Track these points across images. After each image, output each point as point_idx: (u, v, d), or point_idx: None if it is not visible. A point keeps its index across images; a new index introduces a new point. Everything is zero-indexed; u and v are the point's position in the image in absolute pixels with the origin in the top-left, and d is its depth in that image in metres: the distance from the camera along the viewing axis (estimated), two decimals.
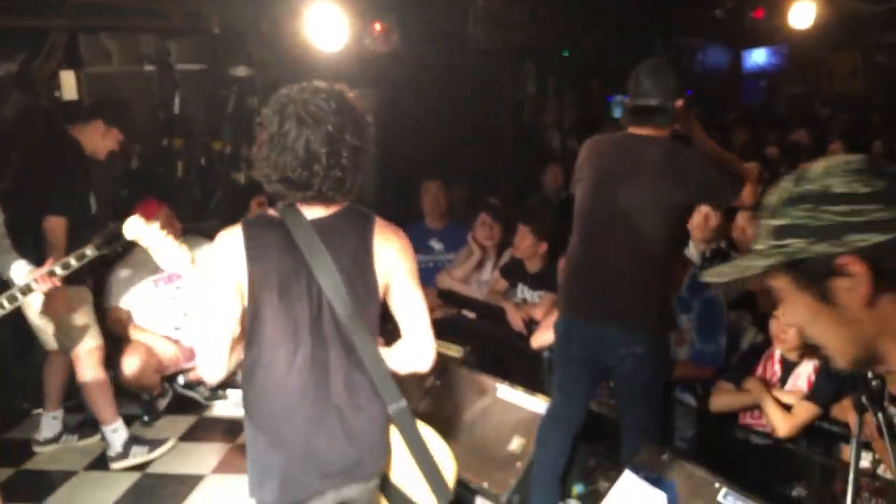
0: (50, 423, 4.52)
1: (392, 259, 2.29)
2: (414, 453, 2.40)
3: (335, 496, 2.31)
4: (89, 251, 3.48)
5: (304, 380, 2.24)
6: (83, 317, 4.28)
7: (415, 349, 2.36)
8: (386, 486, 2.47)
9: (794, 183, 1.24)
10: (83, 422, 4.74)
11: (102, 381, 4.33)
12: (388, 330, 2.47)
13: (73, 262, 3.46)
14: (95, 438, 4.59)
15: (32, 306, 4.14)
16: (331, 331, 2.25)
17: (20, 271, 3.54)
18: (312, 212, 2.24)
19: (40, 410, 4.60)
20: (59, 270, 3.43)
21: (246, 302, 2.22)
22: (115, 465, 4.31)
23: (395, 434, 2.41)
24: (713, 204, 3.46)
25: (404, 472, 2.45)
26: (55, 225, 4.05)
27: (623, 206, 3.16)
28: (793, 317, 1.28)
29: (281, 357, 2.23)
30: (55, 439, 4.52)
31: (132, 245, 4.84)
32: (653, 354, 3.22)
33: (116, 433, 4.35)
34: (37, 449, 4.48)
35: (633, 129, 3.25)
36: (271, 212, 2.27)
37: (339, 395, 2.27)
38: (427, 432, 2.46)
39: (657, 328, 3.26)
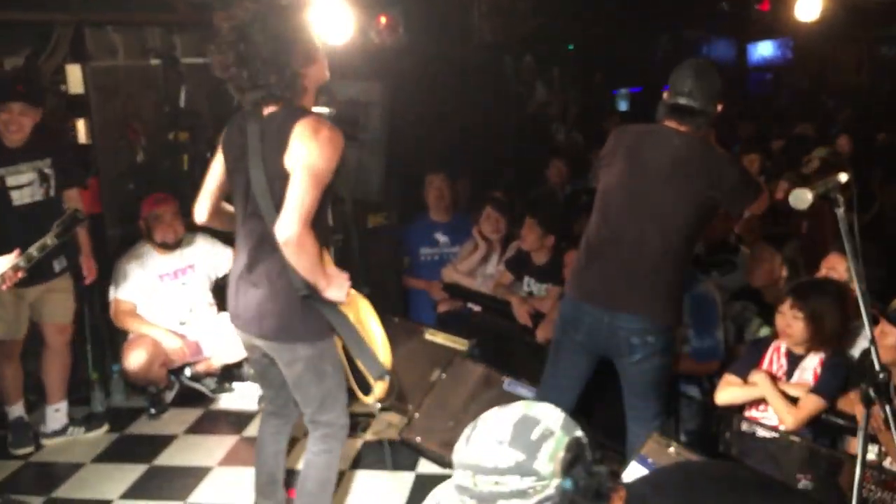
0: (53, 415, 4.54)
1: (296, 152, 2.68)
2: (341, 332, 2.87)
3: (250, 342, 3.02)
4: (49, 240, 3.64)
5: (240, 244, 2.94)
6: None
7: (276, 226, 2.66)
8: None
9: None
10: (89, 415, 4.77)
11: None
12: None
13: (35, 253, 3.63)
14: (102, 430, 4.61)
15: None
16: (252, 208, 2.82)
17: None
18: (267, 110, 2.79)
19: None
20: (23, 264, 3.61)
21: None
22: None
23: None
24: (735, 209, 3.46)
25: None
26: None
27: (655, 196, 3.15)
28: None
29: (238, 222, 2.96)
30: (62, 431, 4.54)
31: (139, 237, 4.93)
32: (664, 346, 3.23)
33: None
34: (45, 442, 4.51)
35: (669, 123, 3.23)
36: None
37: (246, 266, 2.89)
38: (364, 312, 2.96)
39: (671, 321, 3.27)
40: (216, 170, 3.05)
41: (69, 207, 4.02)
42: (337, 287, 2.83)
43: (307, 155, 2.66)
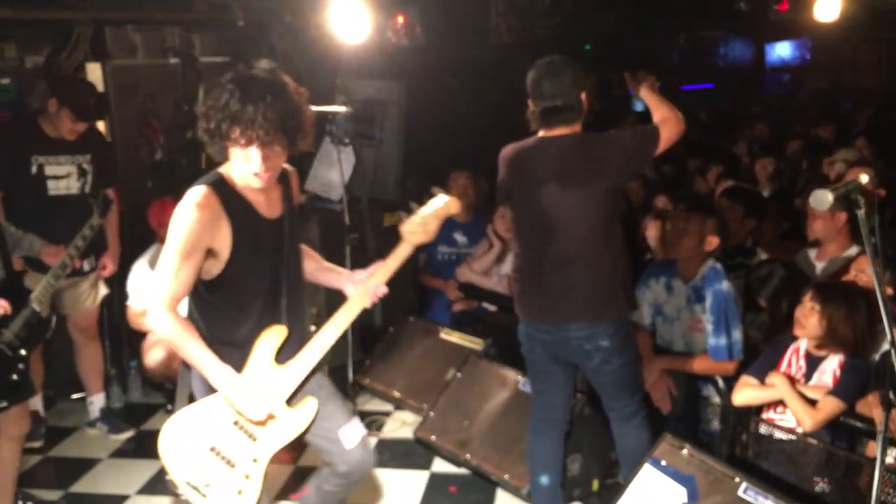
0: (88, 408, 4.64)
1: None
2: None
3: None
4: (95, 220, 3.82)
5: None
6: None
7: None
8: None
9: None
10: (108, 409, 4.77)
11: None
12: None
13: (87, 232, 3.79)
14: (127, 434, 4.63)
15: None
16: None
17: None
18: None
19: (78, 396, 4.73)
20: (80, 243, 3.76)
21: None
22: None
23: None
24: (645, 163, 3.44)
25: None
26: None
27: (558, 209, 3.17)
28: None
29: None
30: (93, 423, 4.63)
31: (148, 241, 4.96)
32: (619, 345, 3.24)
33: None
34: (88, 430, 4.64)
35: (544, 132, 3.24)
36: None
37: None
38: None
39: (618, 312, 3.27)
40: None
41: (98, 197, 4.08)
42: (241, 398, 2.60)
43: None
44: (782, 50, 13.22)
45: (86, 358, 4.57)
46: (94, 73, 5.39)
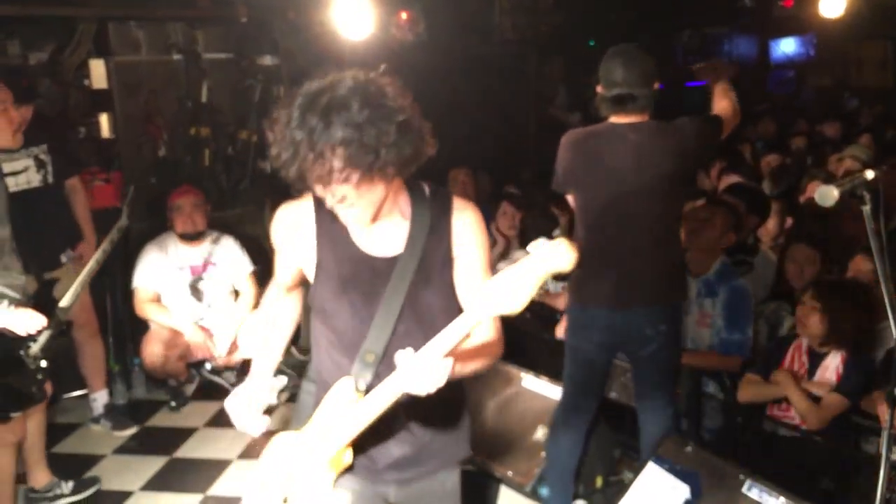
0: (91, 404, 4.64)
1: None
2: None
3: None
4: (123, 223, 3.90)
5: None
6: None
7: None
8: None
9: None
10: (112, 406, 4.77)
11: None
12: None
13: (115, 235, 3.87)
14: (131, 430, 4.64)
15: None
16: None
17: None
18: None
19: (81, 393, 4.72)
20: (108, 247, 3.86)
21: None
22: None
23: None
24: (714, 152, 3.53)
25: None
26: None
27: (635, 195, 3.19)
28: None
29: None
30: (96, 420, 4.62)
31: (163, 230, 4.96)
32: (675, 327, 3.33)
33: None
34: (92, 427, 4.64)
35: (616, 119, 3.25)
36: None
37: None
38: None
39: (679, 297, 3.37)
40: None
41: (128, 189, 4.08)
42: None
43: None
44: (787, 46, 13.18)
45: (88, 355, 4.56)
46: (98, 69, 5.38)
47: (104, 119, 5.40)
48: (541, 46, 8.60)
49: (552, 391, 3.82)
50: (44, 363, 3.42)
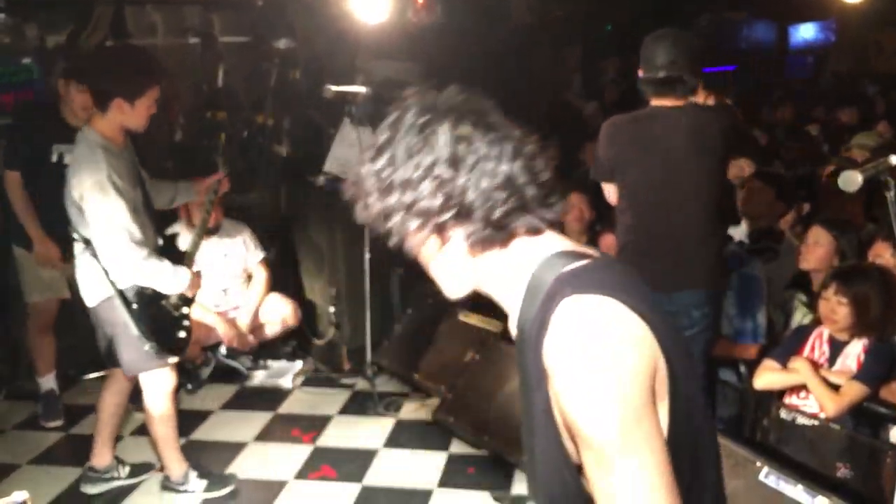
0: None
1: None
2: None
3: None
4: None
5: None
6: None
7: None
8: None
9: None
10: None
11: None
12: None
13: (217, 186, 3.98)
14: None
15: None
16: None
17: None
18: None
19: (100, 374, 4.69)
20: (212, 196, 3.99)
21: None
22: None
23: None
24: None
25: None
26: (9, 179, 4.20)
27: (683, 178, 3.22)
28: None
29: None
30: None
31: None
32: (717, 311, 3.42)
33: None
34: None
35: (660, 102, 3.24)
36: None
37: None
38: None
39: (723, 286, 3.46)
40: None
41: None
42: None
43: None
44: (806, 32, 13.05)
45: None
46: None
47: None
48: (557, 31, 8.55)
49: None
50: (185, 310, 3.58)
